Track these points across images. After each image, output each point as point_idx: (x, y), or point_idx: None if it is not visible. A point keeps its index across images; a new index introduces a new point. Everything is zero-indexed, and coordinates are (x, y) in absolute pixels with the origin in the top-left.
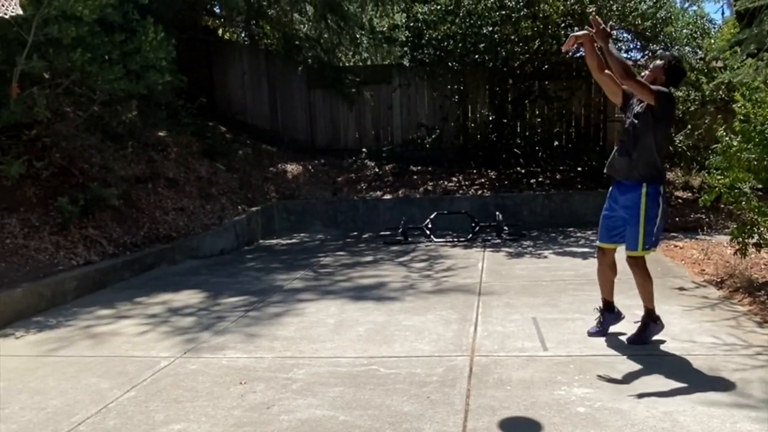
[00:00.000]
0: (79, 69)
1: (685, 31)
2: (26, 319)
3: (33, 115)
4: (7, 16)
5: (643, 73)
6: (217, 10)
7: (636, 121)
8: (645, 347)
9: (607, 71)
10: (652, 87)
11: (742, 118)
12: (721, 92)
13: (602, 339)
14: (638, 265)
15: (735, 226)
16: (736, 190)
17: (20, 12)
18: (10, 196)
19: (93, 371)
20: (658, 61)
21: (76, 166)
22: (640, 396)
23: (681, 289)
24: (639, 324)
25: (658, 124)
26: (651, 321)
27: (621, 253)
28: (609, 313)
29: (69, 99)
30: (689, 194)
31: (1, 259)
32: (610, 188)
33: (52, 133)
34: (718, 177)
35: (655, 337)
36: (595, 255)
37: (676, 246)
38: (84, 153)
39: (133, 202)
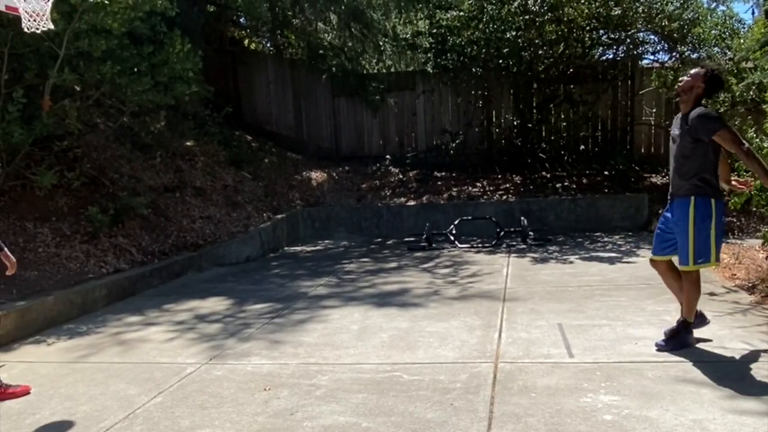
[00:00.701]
0: (109, 81)
1: (713, 31)
2: (58, 326)
3: (65, 127)
4: (39, 31)
5: (681, 79)
6: (242, 21)
7: (680, 141)
8: (673, 354)
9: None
10: (721, 132)
11: None
12: (751, 93)
13: (630, 346)
14: (690, 278)
15: (767, 229)
16: (767, 193)
17: (51, 26)
18: (42, 206)
19: (121, 377)
20: (700, 69)
21: (106, 176)
22: (669, 403)
23: (711, 294)
24: (671, 330)
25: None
26: (684, 330)
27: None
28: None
29: (99, 110)
30: None
31: (33, 267)
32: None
33: (83, 144)
34: (749, 179)
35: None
36: (623, 260)
37: None
38: (114, 163)
39: (162, 211)
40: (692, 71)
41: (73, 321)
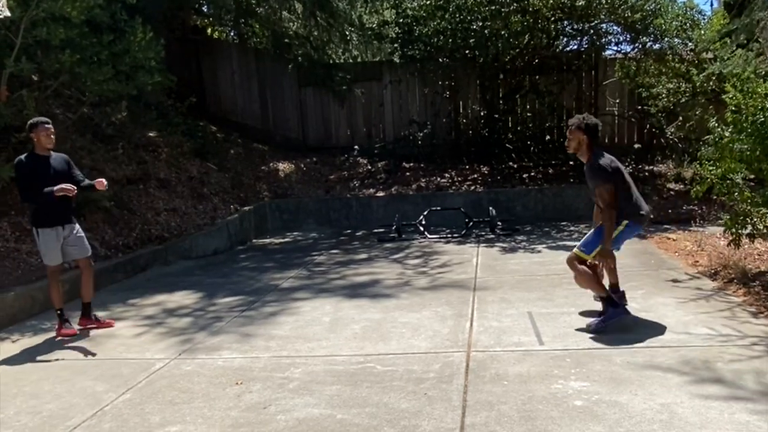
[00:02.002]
0: (68, 70)
1: (674, 23)
2: (20, 322)
3: (22, 118)
4: None
5: (566, 143)
6: (205, 9)
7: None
8: (642, 341)
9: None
10: (600, 187)
11: (733, 108)
12: (711, 83)
13: (598, 333)
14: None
15: (728, 216)
16: (728, 181)
17: (8, 14)
18: (0, 200)
19: (88, 374)
20: (572, 127)
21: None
22: (637, 388)
23: (675, 281)
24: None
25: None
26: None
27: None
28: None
29: (58, 101)
30: (681, 186)
31: None
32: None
33: None
34: (710, 168)
35: (653, 328)
36: None
37: (668, 238)
38: (74, 155)
39: (125, 204)
40: (568, 131)
41: (36, 317)
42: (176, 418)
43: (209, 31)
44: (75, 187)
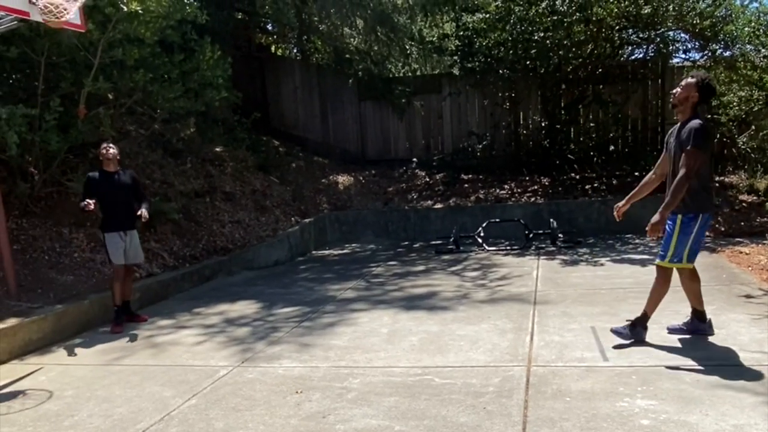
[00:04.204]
0: (142, 89)
1: (746, 29)
2: (93, 329)
3: (99, 134)
4: (62, 20)
5: (674, 90)
6: (270, 27)
7: (674, 151)
8: (713, 359)
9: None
10: (690, 149)
11: None
12: None
13: (666, 349)
14: (662, 274)
15: None
16: None
17: (77, 22)
18: (77, 212)
19: (156, 380)
20: (690, 79)
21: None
22: (708, 408)
23: (748, 296)
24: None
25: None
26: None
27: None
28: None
29: (132, 118)
30: (755, 198)
31: (69, 271)
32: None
33: None
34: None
35: (726, 345)
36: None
37: (741, 252)
38: (146, 169)
39: (192, 216)
40: (684, 82)
41: (108, 324)
42: (239, 425)
43: (273, 48)
44: (91, 205)
